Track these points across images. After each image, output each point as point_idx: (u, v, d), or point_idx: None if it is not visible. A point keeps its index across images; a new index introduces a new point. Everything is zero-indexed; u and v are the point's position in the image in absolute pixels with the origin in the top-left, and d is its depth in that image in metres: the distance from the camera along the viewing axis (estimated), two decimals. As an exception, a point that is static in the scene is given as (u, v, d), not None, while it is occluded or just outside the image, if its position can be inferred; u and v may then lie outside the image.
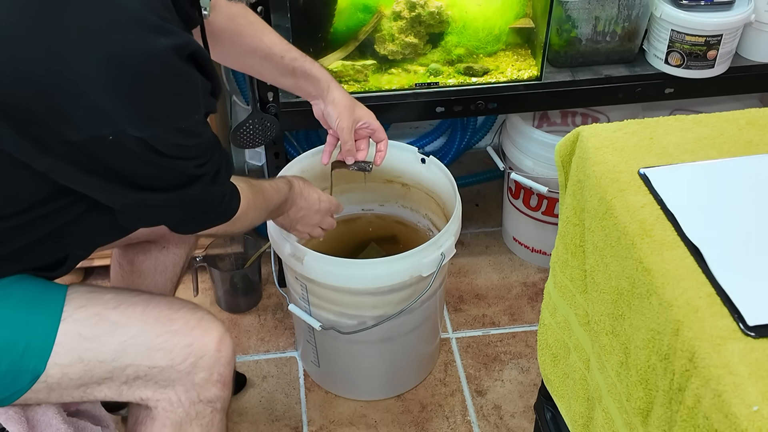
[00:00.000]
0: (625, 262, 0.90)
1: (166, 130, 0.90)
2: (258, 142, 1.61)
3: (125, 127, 0.87)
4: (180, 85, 0.90)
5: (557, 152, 1.09)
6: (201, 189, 1.01)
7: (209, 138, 1.01)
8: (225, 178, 1.06)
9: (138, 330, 1.06)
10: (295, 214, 1.33)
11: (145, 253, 1.44)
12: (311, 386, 1.71)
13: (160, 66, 0.86)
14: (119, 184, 0.95)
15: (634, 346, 0.88)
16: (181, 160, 0.96)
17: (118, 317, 1.06)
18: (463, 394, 1.70)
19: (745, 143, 1.01)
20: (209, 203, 1.07)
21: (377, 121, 1.42)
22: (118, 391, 1.07)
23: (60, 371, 1.02)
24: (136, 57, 0.85)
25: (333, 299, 1.46)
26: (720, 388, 0.72)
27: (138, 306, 1.08)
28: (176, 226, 1.11)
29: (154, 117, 0.89)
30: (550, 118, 1.94)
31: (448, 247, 1.43)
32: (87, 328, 1.04)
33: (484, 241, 2.06)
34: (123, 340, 1.05)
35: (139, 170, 0.94)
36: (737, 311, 0.77)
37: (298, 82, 1.36)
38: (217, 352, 1.09)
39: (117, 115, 0.86)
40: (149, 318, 1.07)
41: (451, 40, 1.60)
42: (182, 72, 0.89)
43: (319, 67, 1.36)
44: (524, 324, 1.84)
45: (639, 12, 1.58)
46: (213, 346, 1.08)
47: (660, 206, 0.91)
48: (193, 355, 1.07)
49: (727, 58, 1.61)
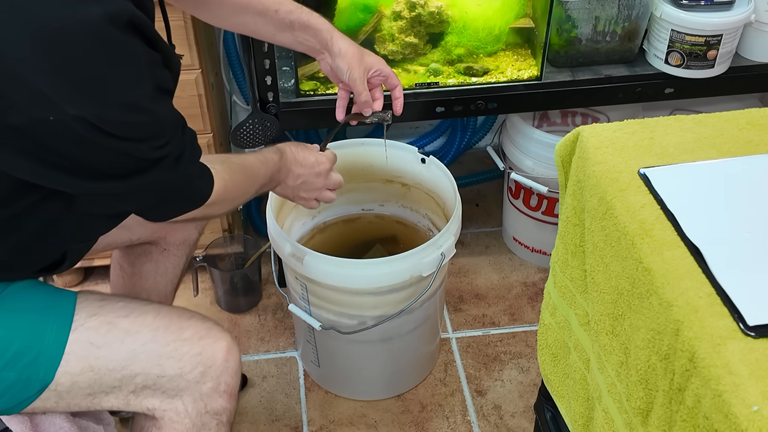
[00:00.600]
0: (625, 262, 0.90)
1: (107, 107, 0.83)
2: (258, 142, 1.61)
3: (64, 106, 0.81)
4: (118, 56, 0.83)
5: (557, 152, 1.09)
6: (162, 173, 0.93)
7: (166, 116, 0.93)
8: (190, 160, 0.98)
9: (148, 338, 1.05)
10: (294, 181, 1.24)
11: (146, 255, 1.43)
12: (311, 386, 1.71)
13: (93, 37, 0.80)
14: (72, 173, 0.88)
15: (634, 346, 0.88)
16: (133, 142, 0.88)
17: (129, 325, 1.05)
18: (463, 394, 1.70)
19: (745, 143, 1.01)
20: (174, 189, 0.99)
21: (388, 66, 1.33)
22: (125, 401, 1.07)
23: (70, 380, 1.01)
24: (65, 28, 0.79)
25: (333, 299, 1.46)
26: (720, 388, 0.72)
27: (149, 314, 1.07)
28: (143, 212, 1.03)
29: (91, 93, 0.82)
30: (550, 118, 1.94)
31: (448, 247, 1.43)
32: (98, 336, 1.03)
33: (484, 241, 2.06)
34: (133, 347, 1.04)
35: (90, 156, 0.87)
36: (737, 311, 0.77)
37: (297, 36, 1.27)
38: (225, 362, 1.08)
39: (54, 95, 0.80)
40: (160, 326, 1.07)
41: (451, 40, 1.60)
42: (119, 42, 0.82)
43: (317, 17, 1.27)
44: (524, 324, 1.84)
45: (639, 12, 1.58)
46: (221, 355, 1.08)
47: (660, 206, 0.91)
48: (201, 364, 1.07)
49: (727, 58, 1.61)
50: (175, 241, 1.43)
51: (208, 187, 1.03)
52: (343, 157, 1.65)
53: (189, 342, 1.07)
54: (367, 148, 1.65)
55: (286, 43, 1.30)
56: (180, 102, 1.62)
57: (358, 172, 1.69)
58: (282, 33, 1.27)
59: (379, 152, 1.65)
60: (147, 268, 1.44)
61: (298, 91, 1.59)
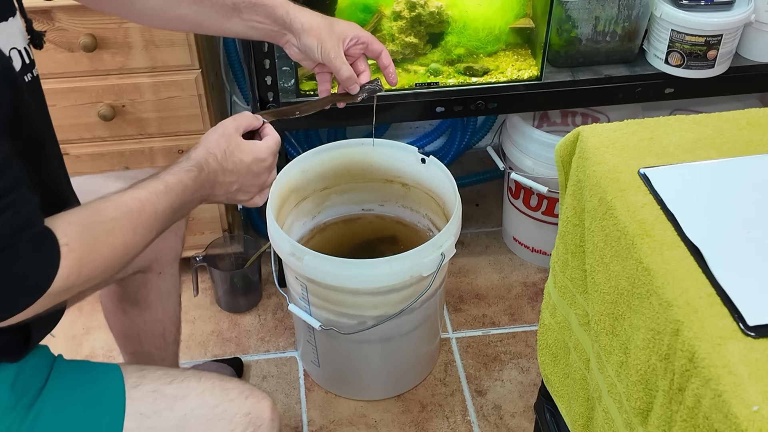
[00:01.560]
0: (625, 262, 0.90)
1: None
2: (258, 142, 1.61)
3: None
4: None
5: (557, 152, 1.09)
6: None
7: None
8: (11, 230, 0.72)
9: (196, 402, 1.03)
10: (226, 190, 1.00)
11: (145, 286, 1.36)
12: (311, 386, 1.71)
13: None
14: None
15: (634, 346, 0.88)
16: None
17: (175, 391, 1.02)
18: (463, 394, 1.69)
19: (745, 143, 1.01)
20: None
21: (365, 31, 1.16)
22: None
23: None
24: None
25: (333, 299, 1.46)
26: (720, 388, 0.72)
27: (191, 379, 1.05)
28: None
29: None
30: (550, 118, 1.94)
31: (448, 247, 1.43)
32: (147, 405, 1.00)
33: (484, 241, 2.06)
34: (183, 413, 1.01)
35: None
36: (737, 311, 0.77)
37: (247, 20, 1.09)
38: (271, 421, 1.07)
39: None
40: (205, 389, 1.04)
41: (451, 40, 1.60)
42: None
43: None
44: (524, 324, 1.84)
45: (639, 12, 1.58)
46: (268, 414, 1.06)
47: (660, 206, 0.91)
48: (252, 425, 1.05)
49: (727, 58, 1.61)
50: (168, 260, 1.36)
51: (46, 270, 0.75)
52: (343, 157, 1.65)
53: (236, 402, 1.04)
54: (367, 148, 1.65)
55: (237, 31, 1.11)
56: (180, 102, 1.63)
57: (358, 172, 1.69)
58: (229, 20, 1.09)
59: (379, 152, 1.65)
60: (152, 297, 1.38)
61: (298, 91, 1.59)
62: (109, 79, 1.58)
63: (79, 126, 1.63)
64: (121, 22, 1.50)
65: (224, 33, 1.13)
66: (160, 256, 1.34)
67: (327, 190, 1.71)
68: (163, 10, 1.08)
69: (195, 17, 1.09)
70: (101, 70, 1.57)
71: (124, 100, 1.61)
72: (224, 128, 0.99)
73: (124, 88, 1.60)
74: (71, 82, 1.57)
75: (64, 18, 1.48)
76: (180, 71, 1.59)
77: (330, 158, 1.64)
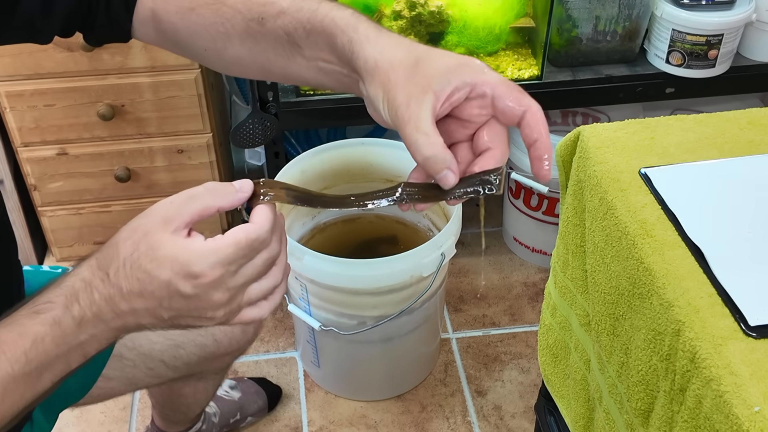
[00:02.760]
0: (626, 263, 0.89)
1: None
2: (258, 142, 1.61)
3: None
4: None
5: (558, 152, 1.09)
6: None
7: None
8: None
9: None
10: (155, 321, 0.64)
11: (183, 380, 1.25)
12: (311, 386, 1.71)
13: None
14: None
15: (635, 347, 0.88)
16: None
17: None
18: (464, 395, 1.69)
19: (747, 143, 1.00)
20: None
21: (493, 74, 0.68)
22: None
23: None
24: None
25: (333, 299, 1.46)
26: (721, 389, 0.71)
27: None
28: None
29: None
30: (550, 118, 1.94)
31: (448, 247, 1.43)
32: None
33: (485, 241, 2.06)
34: None
35: None
36: (739, 311, 0.77)
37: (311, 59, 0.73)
38: None
39: None
40: None
41: (451, 39, 1.60)
42: None
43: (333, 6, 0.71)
44: (524, 324, 1.84)
45: (640, 11, 1.58)
46: None
47: (661, 206, 0.90)
48: None
49: (728, 57, 1.60)
50: (213, 370, 1.28)
51: None
52: (343, 157, 1.65)
53: None
54: (367, 148, 1.65)
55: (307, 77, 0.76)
56: (180, 102, 1.62)
57: (358, 172, 1.68)
58: (291, 60, 0.75)
59: (379, 152, 1.65)
60: (186, 391, 1.32)
61: (298, 90, 1.58)
62: (108, 79, 1.58)
63: (79, 126, 1.62)
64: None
65: (296, 79, 0.78)
66: (208, 368, 1.22)
67: (327, 190, 1.71)
68: (216, 52, 0.80)
69: (251, 57, 0.78)
70: (100, 70, 1.57)
71: (123, 99, 1.61)
72: (147, 218, 0.63)
73: (124, 88, 1.59)
74: (71, 81, 1.57)
75: (64, 17, 1.48)
76: (179, 71, 1.59)
77: (330, 158, 1.64)
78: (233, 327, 1.11)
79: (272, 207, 0.64)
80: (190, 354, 1.12)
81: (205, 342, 1.13)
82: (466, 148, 0.68)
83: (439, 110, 0.65)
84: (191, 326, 0.65)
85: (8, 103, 1.57)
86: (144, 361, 1.09)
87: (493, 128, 0.67)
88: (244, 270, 0.62)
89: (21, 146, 1.64)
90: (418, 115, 0.63)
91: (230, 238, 0.61)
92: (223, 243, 0.61)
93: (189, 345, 1.11)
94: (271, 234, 0.63)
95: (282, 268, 0.66)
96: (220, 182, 0.64)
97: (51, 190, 1.73)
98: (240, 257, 0.61)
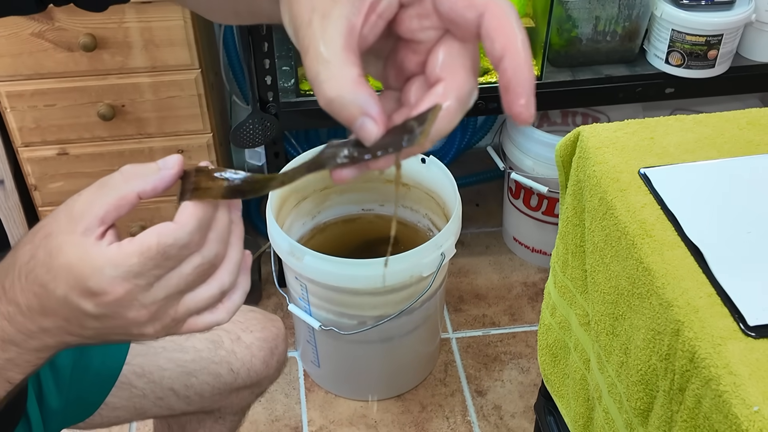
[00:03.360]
0: (626, 262, 0.89)
1: None
2: (258, 142, 1.61)
3: None
4: None
5: (557, 152, 1.09)
6: None
7: None
8: None
9: None
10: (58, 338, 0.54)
11: (199, 422, 1.17)
12: (311, 386, 1.71)
13: None
14: None
15: (635, 347, 0.88)
16: None
17: None
18: (463, 395, 1.69)
19: (746, 143, 1.01)
20: None
21: None
22: None
23: None
24: None
25: (333, 299, 1.46)
26: (720, 389, 0.71)
27: None
28: None
29: None
30: (550, 118, 1.94)
31: (448, 247, 1.43)
32: None
33: (485, 241, 2.06)
34: None
35: None
36: (738, 311, 0.77)
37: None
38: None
39: None
40: None
41: (451, 39, 1.60)
42: None
43: None
44: (524, 324, 1.84)
45: (639, 12, 1.58)
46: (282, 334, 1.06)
47: (660, 206, 0.90)
48: None
49: (728, 57, 1.61)
50: (233, 410, 1.16)
51: None
52: (343, 157, 1.65)
53: None
54: (367, 148, 1.65)
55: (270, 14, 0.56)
56: (180, 102, 1.62)
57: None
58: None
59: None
60: None
61: (298, 90, 1.59)
62: (108, 79, 1.58)
63: (79, 126, 1.62)
64: (121, 22, 1.50)
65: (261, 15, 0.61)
66: (229, 405, 1.12)
67: (327, 190, 1.71)
68: None
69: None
70: (101, 70, 1.57)
71: (123, 99, 1.61)
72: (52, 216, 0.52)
73: (124, 88, 1.59)
74: (71, 81, 1.57)
75: (64, 17, 1.48)
76: (180, 71, 1.59)
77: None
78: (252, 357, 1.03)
79: (206, 201, 0.50)
80: (202, 383, 1.02)
81: (220, 371, 1.03)
82: (421, 82, 0.50)
83: (365, 28, 0.45)
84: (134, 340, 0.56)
85: (9, 103, 1.57)
86: (153, 390, 1.01)
87: (447, 48, 0.48)
88: (164, 282, 0.50)
89: (21, 146, 1.64)
90: (322, 36, 0.44)
91: (136, 244, 0.48)
92: (126, 252, 0.48)
93: (202, 373, 1.02)
94: (198, 235, 0.49)
95: (230, 269, 0.53)
96: (140, 163, 0.54)
97: (51, 190, 1.73)
98: (150, 268, 0.49)
